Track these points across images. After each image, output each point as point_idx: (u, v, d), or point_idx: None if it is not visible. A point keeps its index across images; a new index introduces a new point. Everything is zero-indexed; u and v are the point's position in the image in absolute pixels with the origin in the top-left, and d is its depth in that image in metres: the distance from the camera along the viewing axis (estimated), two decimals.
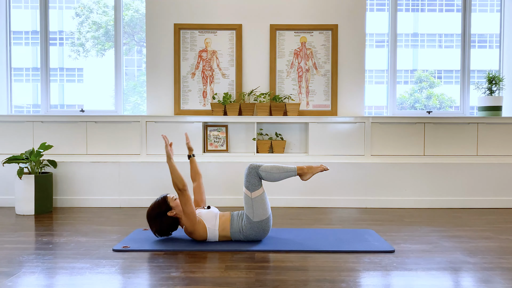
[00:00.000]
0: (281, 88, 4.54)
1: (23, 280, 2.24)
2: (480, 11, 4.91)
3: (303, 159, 4.28)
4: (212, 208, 2.97)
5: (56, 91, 4.95)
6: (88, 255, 2.65)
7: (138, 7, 4.96)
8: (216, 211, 2.97)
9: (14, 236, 3.13)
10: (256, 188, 2.86)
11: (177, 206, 2.87)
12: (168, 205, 2.86)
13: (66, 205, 4.22)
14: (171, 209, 2.86)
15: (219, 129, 4.45)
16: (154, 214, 2.86)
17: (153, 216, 2.86)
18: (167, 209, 2.85)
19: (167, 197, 2.89)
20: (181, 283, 2.19)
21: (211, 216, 2.89)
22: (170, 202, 2.87)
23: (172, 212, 2.85)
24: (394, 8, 4.72)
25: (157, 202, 2.89)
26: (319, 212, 4.00)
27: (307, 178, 2.95)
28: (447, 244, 2.91)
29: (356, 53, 4.53)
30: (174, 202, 2.88)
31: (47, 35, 4.74)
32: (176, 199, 2.90)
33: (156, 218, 2.86)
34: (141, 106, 4.98)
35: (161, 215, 2.85)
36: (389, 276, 2.34)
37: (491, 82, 4.55)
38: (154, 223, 2.87)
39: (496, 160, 4.31)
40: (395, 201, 4.24)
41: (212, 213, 2.91)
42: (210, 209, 2.96)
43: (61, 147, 4.32)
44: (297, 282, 2.20)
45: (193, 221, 2.80)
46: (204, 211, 2.93)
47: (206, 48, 4.53)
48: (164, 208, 2.85)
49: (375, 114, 4.92)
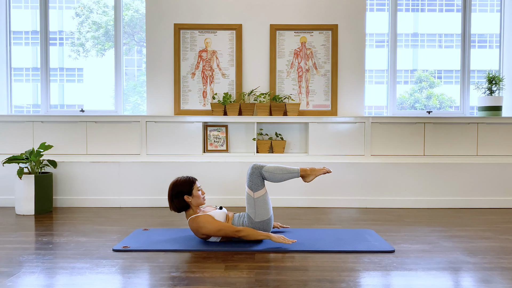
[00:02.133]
0: (281, 88, 4.54)
1: (23, 280, 2.24)
2: (480, 11, 4.91)
3: (303, 159, 4.28)
4: (223, 209, 2.97)
5: (56, 91, 4.95)
6: (88, 255, 2.65)
7: (138, 7, 4.96)
8: (225, 211, 2.97)
9: (14, 236, 3.13)
10: (259, 188, 2.86)
11: (197, 197, 2.87)
12: (191, 190, 2.86)
13: (66, 205, 4.22)
14: (191, 194, 2.86)
15: (219, 129, 4.45)
16: (175, 191, 2.86)
17: (172, 191, 2.87)
18: (187, 192, 2.85)
19: (195, 183, 2.90)
20: (181, 283, 2.19)
21: (221, 218, 2.88)
22: (194, 189, 2.88)
23: (189, 199, 2.85)
24: (394, 8, 4.72)
25: (184, 181, 2.88)
26: (319, 212, 4.00)
27: (310, 180, 2.96)
28: (447, 244, 2.91)
29: (356, 53, 4.53)
30: (197, 191, 2.88)
31: (47, 35, 4.74)
32: (200, 189, 2.91)
33: (173, 195, 2.86)
34: (141, 106, 4.98)
35: (179, 195, 2.85)
36: (389, 276, 2.34)
37: (491, 82, 4.55)
38: (170, 198, 2.88)
39: (496, 160, 4.31)
40: (395, 201, 4.24)
41: (223, 214, 2.91)
42: (222, 209, 2.96)
43: (61, 147, 4.32)
44: (297, 282, 2.20)
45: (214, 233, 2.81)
46: (218, 211, 2.92)
47: (206, 48, 4.53)
48: (186, 190, 2.85)
49: (375, 114, 4.92)
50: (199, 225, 2.81)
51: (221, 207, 2.99)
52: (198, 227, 2.81)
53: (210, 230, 2.79)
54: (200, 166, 4.25)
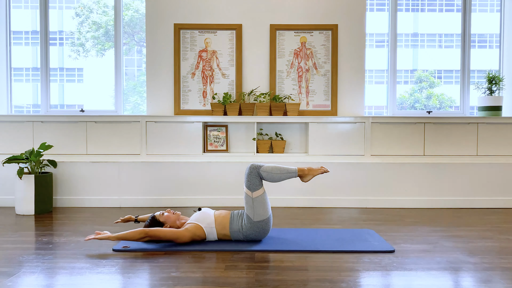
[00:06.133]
0: (281, 88, 4.53)
1: (23, 280, 2.24)
2: (480, 11, 4.90)
3: (303, 159, 4.28)
4: (203, 209, 3.01)
5: (56, 91, 4.95)
6: (88, 255, 2.65)
7: (138, 7, 4.96)
8: (210, 210, 3.00)
9: (14, 236, 3.13)
10: (257, 188, 2.86)
11: (167, 219, 2.93)
12: (159, 223, 2.93)
13: (66, 205, 4.22)
14: (163, 225, 2.93)
15: (219, 129, 4.45)
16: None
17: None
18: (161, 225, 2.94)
19: (155, 217, 2.96)
20: (181, 283, 2.19)
21: (205, 216, 2.92)
22: (159, 219, 2.94)
23: (166, 226, 2.92)
24: (394, 8, 4.72)
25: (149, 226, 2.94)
26: (319, 212, 4.00)
27: (307, 180, 2.96)
28: (447, 244, 2.91)
29: (356, 53, 4.53)
30: (163, 217, 2.94)
31: (47, 35, 4.73)
32: (163, 213, 2.95)
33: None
34: (141, 106, 4.98)
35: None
36: (389, 276, 2.34)
37: (491, 82, 4.55)
38: None
39: (496, 160, 4.31)
40: (395, 201, 4.24)
41: (204, 214, 2.95)
42: (201, 210, 2.99)
43: (61, 147, 4.32)
44: (297, 282, 2.20)
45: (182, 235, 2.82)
46: (196, 214, 2.96)
47: (206, 48, 4.53)
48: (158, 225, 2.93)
49: (375, 114, 4.92)
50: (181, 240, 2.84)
51: (199, 208, 3.03)
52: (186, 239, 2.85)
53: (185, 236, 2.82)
54: (200, 166, 4.25)
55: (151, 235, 2.77)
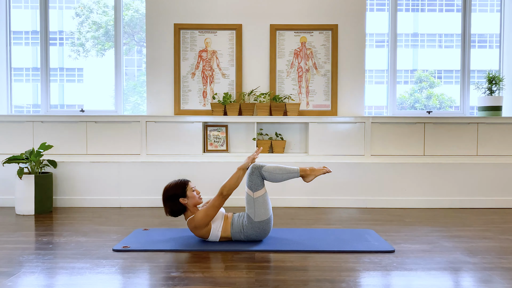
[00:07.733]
0: (281, 88, 4.54)
1: (23, 280, 2.24)
2: (480, 11, 4.90)
3: (303, 159, 4.28)
4: (221, 209, 2.97)
5: (56, 91, 4.95)
6: (88, 255, 2.65)
7: (138, 7, 4.96)
8: (224, 212, 2.97)
9: (14, 236, 3.13)
10: (259, 188, 2.86)
11: (192, 197, 2.85)
12: (184, 192, 2.84)
13: (66, 205, 4.22)
14: (185, 196, 2.84)
15: (219, 129, 4.45)
16: (168, 194, 2.85)
17: (166, 196, 2.85)
18: (182, 195, 2.84)
19: (188, 184, 2.88)
20: (181, 283, 2.19)
21: (219, 218, 2.89)
22: (188, 190, 2.86)
23: (184, 201, 2.83)
24: (394, 8, 4.72)
25: (176, 184, 2.86)
26: (319, 212, 4.00)
27: (310, 180, 2.95)
28: (447, 244, 2.91)
29: (356, 53, 4.53)
30: (191, 192, 2.86)
31: (47, 35, 4.73)
32: (194, 190, 2.89)
33: (168, 200, 2.85)
34: (141, 106, 4.98)
35: (173, 198, 2.83)
36: (389, 276, 2.34)
37: (491, 82, 4.55)
38: (165, 202, 2.87)
39: (496, 160, 4.31)
40: (395, 201, 4.24)
41: (220, 214, 2.91)
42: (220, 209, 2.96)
43: (61, 147, 4.32)
44: (297, 282, 2.20)
45: (205, 222, 2.80)
46: None
47: (206, 48, 4.53)
48: (179, 192, 2.83)
49: (375, 114, 4.92)
50: (196, 225, 2.81)
51: None
52: (195, 227, 2.82)
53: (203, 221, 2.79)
54: (200, 166, 4.25)
55: (220, 203, 2.82)
